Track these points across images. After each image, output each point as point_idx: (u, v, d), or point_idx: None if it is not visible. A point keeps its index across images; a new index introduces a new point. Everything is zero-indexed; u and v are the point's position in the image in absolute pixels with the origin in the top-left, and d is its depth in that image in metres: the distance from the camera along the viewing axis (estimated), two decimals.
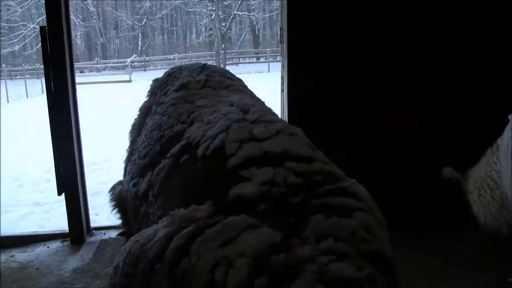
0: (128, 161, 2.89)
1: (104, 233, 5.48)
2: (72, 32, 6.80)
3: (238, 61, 46.34)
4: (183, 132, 2.46)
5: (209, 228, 1.69)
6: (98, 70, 45.50)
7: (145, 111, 3.06)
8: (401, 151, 5.13)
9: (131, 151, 2.93)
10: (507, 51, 4.99)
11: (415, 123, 5.12)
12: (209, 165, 2.11)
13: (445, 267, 4.31)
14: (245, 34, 53.20)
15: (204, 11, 51.03)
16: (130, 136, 3.10)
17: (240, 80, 3.26)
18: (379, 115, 5.10)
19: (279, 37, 5.38)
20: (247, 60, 47.62)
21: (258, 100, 2.93)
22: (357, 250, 1.67)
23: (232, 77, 3.21)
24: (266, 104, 2.86)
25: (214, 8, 48.15)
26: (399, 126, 5.09)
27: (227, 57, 44.78)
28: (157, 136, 2.61)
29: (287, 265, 1.57)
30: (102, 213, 6.18)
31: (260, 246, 1.61)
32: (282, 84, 5.28)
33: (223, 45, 45.70)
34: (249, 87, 3.21)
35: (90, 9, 51.19)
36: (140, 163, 2.62)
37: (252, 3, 49.47)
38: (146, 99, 3.18)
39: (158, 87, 3.13)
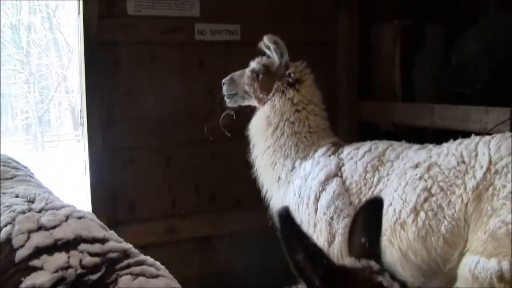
0: None
1: None
2: None
3: (57, 145, 43.65)
4: None
5: None
6: None
7: None
8: None
9: None
10: None
11: None
12: None
13: None
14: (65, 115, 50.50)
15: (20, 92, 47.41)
16: None
17: (26, 168, 3.22)
18: None
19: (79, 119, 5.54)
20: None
21: (45, 189, 2.92)
22: None
23: (17, 166, 3.16)
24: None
25: (30, 90, 44.93)
26: None
27: (45, 140, 41.83)
28: None
29: None
30: None
31: None
32: (85, 167, 5.37)
33: (41, 128, 42.69)
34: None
35: None
36: None
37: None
38: None
39: None
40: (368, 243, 1.79)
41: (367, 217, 1.86)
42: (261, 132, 4.78)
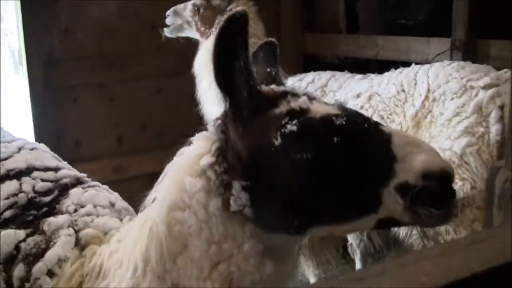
0: None
1: None
2: None
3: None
4: None
5: None
6: None
7: None
8: None
9: None
10: None
11: None
12: None
13: None
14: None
15: None
16: None
17: None
18: None
19: None
20: None
21: None
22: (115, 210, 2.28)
23: None
24: None
25: None
26: None
27: None
28: None
29: (36, 244, 2.08)
30: None
31: (7, 245, 2.06)
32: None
33: None
34: None
35: None
36: None
37: None
38: None
39: None
40: (273, 72, 2.14)
41: (266, 54, 2.19)
42: (205, 67, 4.75)
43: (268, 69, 2.13)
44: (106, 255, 2.04)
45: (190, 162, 1.89)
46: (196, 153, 1.89)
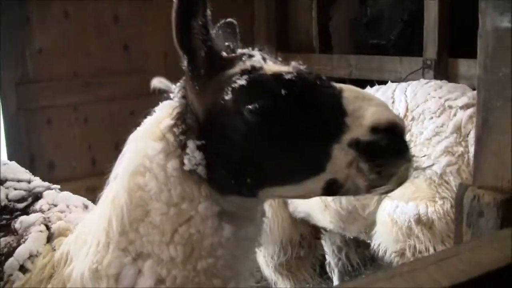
0: None
1: None
2: None
3: None
4: None
5: None
6: None
7: None
8: None
9: None
10: None
11: None
12: None
13: None
14: None
15: None
16: None
17: None
18: None
19: None
20: None
21: None
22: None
23: None
24: None
25: None
26: None
27: None
28: None
29: (7, 244, 2.15)
30: None
31: None
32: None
33: None
34: None
35: None
36: None
37: None
38: None
39: None
40: (232, 46, 2.20)
41: (226, 31, 2.33)
42: None
43: (227, 43, 2.19)
44: (71, 241, 2.07)
45: (151, 127, 1.96)
46: (157, 119, 1.97)
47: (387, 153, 1.70)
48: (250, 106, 1.76)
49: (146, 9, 5.86)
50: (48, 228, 2.19)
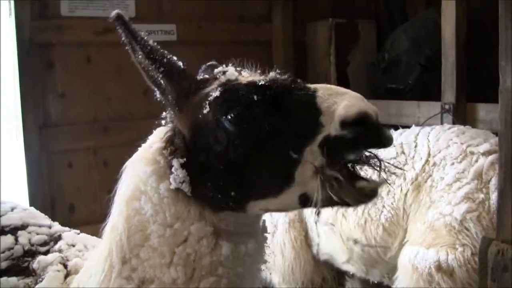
0: None
1: None
2: None
3: None
4: None
5: None
6: None
7: None
8: None
9: None
10: None
11: None
12: None
13: None
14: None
15: None
16: None
17: None
18: None
19: None
20: None
21: None
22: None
23: None
24: None
25: None
26: None
27: None
28: None
29: (25, 285, 2.16)
30: None
31: None
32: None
33: None
34: None
35: None
36: None
37: None
38: None
39: None
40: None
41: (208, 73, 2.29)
42: None
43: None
44: (80, 275, 2.11)
45: (144, 152, 2.01)
46: (148, 144, 2.02)
47: (359, 145, 1.69)
48: (225, 118, 1.79)
49: None
50: (65, 266, 2.23)
